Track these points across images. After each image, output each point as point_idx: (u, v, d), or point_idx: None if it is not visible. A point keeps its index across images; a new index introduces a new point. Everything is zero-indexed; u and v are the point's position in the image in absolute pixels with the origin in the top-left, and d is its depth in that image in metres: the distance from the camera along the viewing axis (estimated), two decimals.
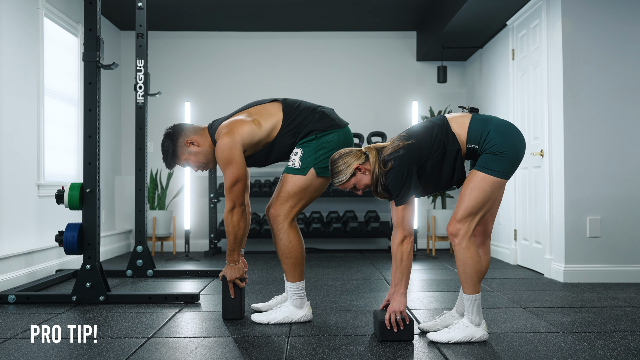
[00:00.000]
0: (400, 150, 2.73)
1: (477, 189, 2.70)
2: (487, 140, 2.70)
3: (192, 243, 6.98)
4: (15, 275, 4.30)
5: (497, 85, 6.21)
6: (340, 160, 2.82)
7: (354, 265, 5.69)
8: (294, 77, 7.20)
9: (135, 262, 4.86)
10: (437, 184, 2.81)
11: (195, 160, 3.22)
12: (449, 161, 2.75)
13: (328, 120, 3.16)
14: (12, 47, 4.60)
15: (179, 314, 3.44)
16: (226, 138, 3.05)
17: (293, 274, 3.16)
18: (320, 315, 3.36)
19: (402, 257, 2.78)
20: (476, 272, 2.73)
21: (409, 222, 2.77)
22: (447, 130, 2.75)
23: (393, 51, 7.30)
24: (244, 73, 7.22)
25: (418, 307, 3.61)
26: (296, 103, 3.21)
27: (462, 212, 2.72)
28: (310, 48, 7.28)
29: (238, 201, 3.07)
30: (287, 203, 3.12)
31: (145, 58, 4.97)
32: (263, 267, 5.50)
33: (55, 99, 5.40)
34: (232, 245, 3.14)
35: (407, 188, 2.72)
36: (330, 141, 3.12)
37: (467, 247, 2.72)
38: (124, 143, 7.17)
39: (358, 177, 2.83)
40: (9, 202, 4.50)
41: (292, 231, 3.14)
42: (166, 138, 3.22)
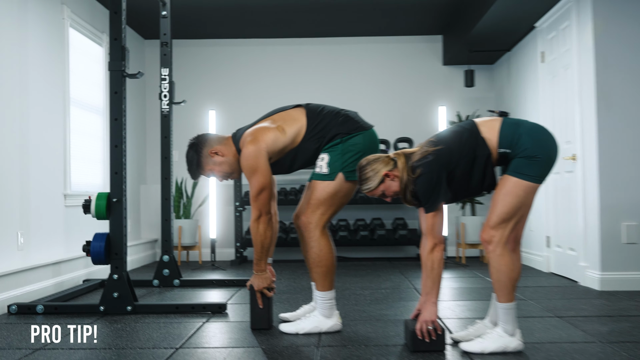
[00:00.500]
0: (429, 156, 2.71)
1: (510, 195, 2.67)
2: (519, 144, 2.67)
3: (218, 252, 7.00)
4: (43, 285, 4.35)
5: (526, 89, 6.15)
6: (369, 166, 2.81)
7: (382, 273, 5.66)
8: (318, 83, 7.21)
9: (161, 272, 4.89)
10: (467, 190, 2.79)
11: (219, 170, 3.23)
12: (479, 167, 2.72)
13: (352, 122, 3.16)
14: (38, 57, 4.68)
15: (206, 324, 3.45)
16: (251, 146, 3.05)
17: (323, 283, 3.15)
18: (349, 325, 3.35)
19: (433, 266, 2.75)
20: (511, 279, 2.70)
21: (439, 230, 2.75)
22: (476, 135, 2.73)
23: (419, 55, 7.28)
24: (268, 80, 7.25)
25: (450, 317, 3.58)
26: (319, 107, 3.21)
27: (495, 218, 2.69)
28: (335, 53, 7.28)
29: (264, 210, 3.07)
30: (317, 210, 3.11)
31: (169, 66, 5.02)
32: (290, 276, 5.50)
33: (81, 109, 5.48)
34: (259, 255, 3.14)
35: (437, 195, 2.70)
36: (356, 144, 3.11)
37: (502, 254, 2.69)
38: (149, 152, 7.24)
39: (387, 184, 2.81)
40: (37, 212, 4.56)
41: (323, 239, 3.13)
42: (190, 149, 3.24)
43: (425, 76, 7.26)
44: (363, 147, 3.12)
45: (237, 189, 6.73)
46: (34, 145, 4.56)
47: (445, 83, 7.25)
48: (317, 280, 3.16)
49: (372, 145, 3.16)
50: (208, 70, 7.27)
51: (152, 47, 7.17)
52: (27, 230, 4.42)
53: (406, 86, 7.26)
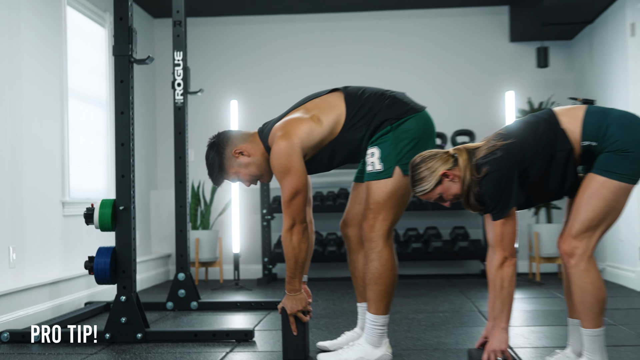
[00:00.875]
0: (497, 152, 2.69)
1: (596, 197, 2.63)
2: (608, 135, 2.63)
3: (243, 269, 7.04)
4: (39, 309, 4.43)
5: (613, 68, 6.05)
6: (423, 164, 2.79)
7: (439, 293, 5.63)
8: (358, 67, 7.20)
9: (176, 293, 4.93)
10: (543, 193, 2.76)
11: (246, 173, 3.25)
12: (558, 165, 2.69)
13: (401, 105, 3.14)
14: (31, 41, 4.77)
15: (230, 354, 3.46)
16: (282, 142, 3.06)
17: (379, 305, 3.14)
18: (401, 356, 3.33)
19: (503, 284, 2.73)
20: (598, 301, 2.66)
21: (509, 241, 2.72)
22: (555, 126, 2.69)
23: (480, 31, 7.22)
24: (299, 64, 7.27)
25: (522, 345, 3.54)
26: (360, 90, 3.21)
27: (578, 226, 2.65)
28: (379, 31, 7.27)
29: (298, 217, 3.07)
30: (379, 215, 3.10)
31: (184, 50, 5.07)
32: (329, 297, 5.50)
33: (81, 101, 5.57)
34: (292, 271, 3.14)
35: (507, 198, 2.67)
36: (409, 129, 3.10)
37: (587, 270, 2.65)
38: (160, 151, 7.32)
39: (445, 186, 2.79)
40: (31, 223, 4.65)
41: (386, 251, 3.12)
42: (210, 149, 3.26)
43: (489, 55, 7.20)
44: (417, 133, 3.10)
45: (264, 193, 6.76)
46: (27, 145, 4.64)
47: (513, 63, 7.17)
48: (372, 300, 3.14)
49: (428, 130, 3.15)
50: (229, 53, 7.33)
51: (163, 27, 7.25)
52: (19, 244, 4.50)
53: (465, 68, 7.21)
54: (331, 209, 6.69)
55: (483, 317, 4.42)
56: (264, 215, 6.77)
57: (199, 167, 6.95)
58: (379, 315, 3.14)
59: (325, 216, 6.97)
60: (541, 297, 5.26)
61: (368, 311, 3.16)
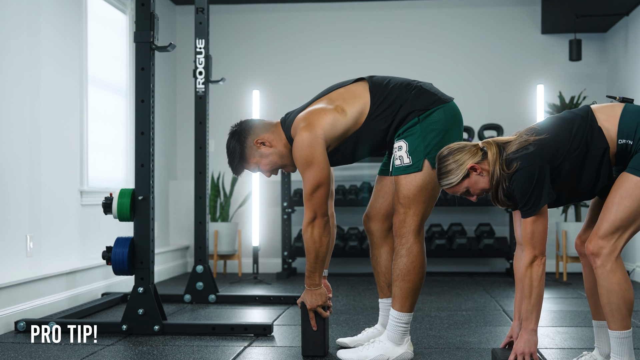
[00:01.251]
0: (529, 147, 2.67)
1: (629, 198, 2.61)
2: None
3: (262, 263, 7.07)
4: (55, 298, 4.48)
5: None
6: (451, 157, 2.79)
7: (462, 291, 5.62)
8: (383, 58, 7.19)
9: (194, 285, 4.97)
10: (574, 192, 2.74)
11: (267, 163, 3.26)
12: (592, 163, 2.67)
13: (428, 95, 3.14)
14: (51, 28, 4.81)
15: (248, 348, 3.49)
16: (305, 133, 3.07)
17: (404, 302, 3.14)
18: (423, 354, 3.33)
19: (532, 283, 2.72)
20: (625, 302, 2.64)
21: (540, 239, 2.71)
22: (591, 123, 2.68)
23: (511, 22, 7.17)
24: (323, 54, 7.27)
25: (548, 346, 3.53)
26: (385, 80, 3.21)
27: (607, 225, 2.63)
28: (404, 21, 7.25)
29: (320, 211, 3.08)
30: (409, 210, 3.10)
31: (206, 38, 5.09)
32: (349, 293, 5.51)
33: (101, 89, 5.61)
34: (313, 266, 3.15)
35: (539, 195, 2.66)
36: (437, 121, 3.09)
37: (613, 270, 2.63)
38: (180, 141, 7.36)
39: (473, 179, 2.78)
40: (49, 212, 4.70)
41: (416, 247, 3.12)
42: (232, 138, 3.28)
43: (519, 48, 7.16)
44: (446, 125, 3.10)
45: (285, 186, 6.78)
46: (45, 132, 4.69)
47: (544, 56, 7.13)
48: (397, 296, 3.14)
49: (456, 122, 3.14)
50: (252, 41, 7.34)
51: (185, 14, 7.29)
52: (37, 233, 4.56)
53: (494, 60, 7.17)
54: (353, 203, 6.69)
55: (507, 316, 4.41)
56: (284, 208, 6.79)
57: (219, 157, 6.99)
58: (403, 313, 3.14)
59: (347, 210, 6.98)
60: (568, 298, 5.24)
61: (392, 307, 3.16)
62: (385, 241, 3.39)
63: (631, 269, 6.30)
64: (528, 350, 2.73)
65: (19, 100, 4.40)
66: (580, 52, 6.57)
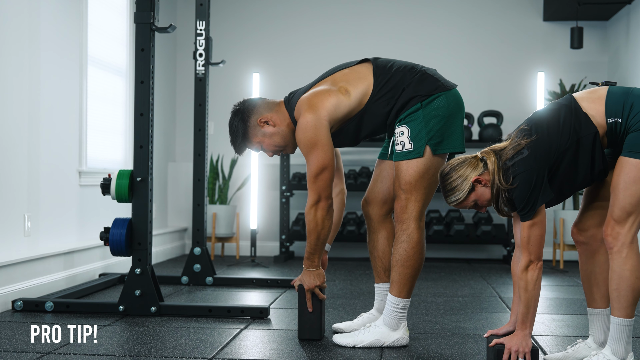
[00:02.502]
0: (523, 151, 2.66)
1: (632, 181, 2.59)
2: (632, 113, 2.60)
3: (259, 246, 7.08)
4: (53, 278, 4.49)
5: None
6: (454, 172, 2.76)
7: (459, 277, 5.63)
8: (383, 42, 7.17)
9: (192, 267, 4.98)
10: (573, 184, 2.73)
11: (270, 143, 3.25)
12: (585, 150, 2.67)
13: (432, 81, 3.13)
14: (52, 6, 4.79)
15: (245, 331, 3.50)
16: (308, 115, 3.06)
17: (402, 288, 3.15)
18: (418, 339, 3.35)
19: (527, 287, 2.71)
20: (634, 290, 2.64)
21: (536, 244, 2.69)
22: (577, 111, 2.67)
23: (512, 9, 7.15)
24: (324, 38, 7.25)
25: (543, 334, 3.54)
26: (390, 62, 3.20)
27: (619, 212, 2.62)
28: (405, 5, 7.23)
29: (324, 193, 3.08)
30: (411, 196, 3.10)
31: (207, 19, 5.07)
32: (346, 278, 5.53)
33: (101, 69, 5.60)
34: (313, 247, 3.16)
35: (535, 197, 2.64)
36: (439, 107, 3.08)
37: (628, 257, 2.63)
38: (179, 123, 7.35)
39: (479, 192, 2.76)
40: (47, 192, 4.70)
41: (417, 234, 3.12)
42: (235, 116, 3.27)
43: (521, 35, 7.14)
44: (448, 111, 3.09)
45: (284, 170, 6.78)
46: (45, 112, 4.69)
47: (545, 43, 7.11)
48: (395, 282, 3.15)
49: (458, 109, 3.13)
50: (252, 24, 7.32)
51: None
52: (35, 213, 4.56)
53: (495, 47, 7.16)
54: (352, 188, 6.69)
55: (504, 303, 4.43)
56: (283, 191, 6.80)
57: (219, 140, 7.00)
58: (401, 298, 3.15)
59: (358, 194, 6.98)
60: (564, 285, 5.25)
61: (390, 292, 3.17)
62: (382, 226, 3.39)
63: None
64: (522, 349, 2.72)
65: (19, 81, 4.39)
66: (582, 40, 6.55)
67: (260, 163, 7.00)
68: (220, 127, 7.05)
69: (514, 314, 2.88)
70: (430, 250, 6.98)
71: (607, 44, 7.07)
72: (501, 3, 7.17)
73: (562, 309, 4.26)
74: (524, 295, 2.73)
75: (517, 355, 2.72)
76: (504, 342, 2.76)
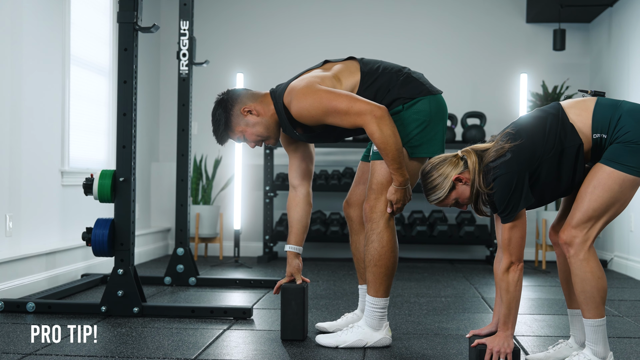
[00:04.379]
0: (507, 154, 2.67)
1: (601, 188, 2.63)
2: (619, 126, 2.63)
3: (243, 246, 7.07)
4: (35, 279, 4.46)
5: (632, 54, 6.02)
6: (434, 171, 2.77)
7: (442, 278, 5.65)
8: (368, 45, 7.17)
9: (174, 268, 4.97)
10: (555, 191, 2.75)
11: (252, 132, 3.23)
12: (568, 161, 2.68)
13: (416, 84, 3.14)
14: (34, 4, 4.77)
15: (228, 331, 3.49)
16: (304, 87, 3.05)
17: (378, 287, 3.16)
18: (401, 340, 3.35)
19: (508, 289, 2.73)
20: (599, 290, 2.67)
21: (517, 246, 2.71)
22: (563, 121, 2.69)
23: (496, 11, 7.18)
24: (308, 36, 7.25)
25: (525, 334, 3.56)
26: (376, 63, 3.21)
27: (580, 215, 2.65)
28: (389, 8, 7.24)
29: (372, 105, 3.00)
30: (381, 196, 3.11)
31: (190, 19, 5.06)
32: (330, 278, 5.53)
33: (83, 69, 5.57)
34: (399, 160, 3.03)
35: (517, 200, 2.66)
36: (420, 111, 3.09)
37: (586, 260, 2.66)
38: (162, 123, 7.33)
39: (459, 190, 2.77)
40: (29, 192, 4.67)
41: (387, 233, 3.13)
42: (218, 105, 3.25)
43: (504, 36, 7.17)
44: (429, 116, 3.10)
45: (267, 170, 6.77)
46: (27, 112, 4.66)
47: (528, 45, 7.15)
48: (371, 282, 3.16)
49: (440, 115, 3.13)
50: (236, 24, 7.31)
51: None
52: (17, 213, 4.53)
53: (478, 49, 7.18)
54: (335, 188, 6.70)
55: (486, 303, 4.45)
56: (266, 192, 6.79)
57: (202, 140, 6.99)
58: (378, 298, 3.16)
59: (329, 195, 6.99)
60: (546, 286, 5.28)
61: (368, 293, 3.18)
62: (364, 228, 3.39)
63: (609, 258, 6.36)
64: (504, 350, 2.73)
65: (0, 80, 4.36)
66: (564, 42, 6.59)
67: (244, 163, 6.99)
68: (204, 127, 7.04)
69: (496, 315, 2.90)
70: (414, 251, 7.00)
71: (589, 46, 7.12)
72: (484, 5, 7.20)
73: (544, 310, 4.29)
74: (505, 297, 2.74)
75: (498, 356, 2.74)
76: (486, 343, 2.77)
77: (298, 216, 3.36)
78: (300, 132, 3.22)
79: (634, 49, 5.98)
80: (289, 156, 3.41)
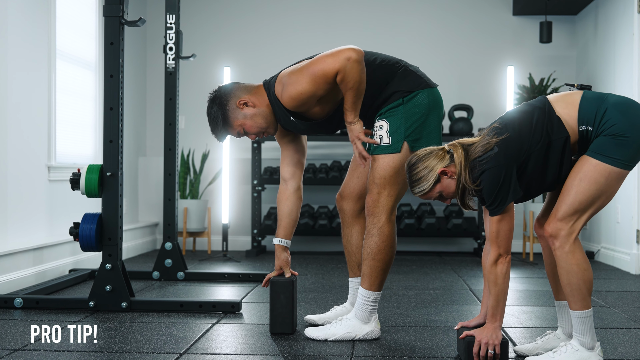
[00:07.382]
0: (494, 148, 2.68)
1: (587, 180, 2.64)
2: (604, 119, 2.64)
3: (231, 240, 7.07)
4: (22, 274, 4.45)
5: (618, 46, 6.05)
6: (420, 163, 2.78)
7: (430, 270, 5.66)
8: (356, 38, 7.17)
9: (163, 262, 4.96)
10: (541, 184, 2.77)
11: (252, 124, 3.21)
12: (555, 154, 2.70)
13: (415, 77, 3.15)
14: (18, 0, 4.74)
15: (216, 325, 3.49)
16: (293, 75, 3.05)
17: (373, 281, 3.16)
18: (389, 332, 3.36)
19: (497, 281, 2.75)
20: (585, 282, 2.69)
21: (504, 238, 2.73)
22: (550, 114, 2.70)
23: (483, 3, 7.19)
24: (295, 30, 7.24)
25: (513, 325, 3.58)
26: (373, 55, 3.20)
27: (565, 208, 2.67)
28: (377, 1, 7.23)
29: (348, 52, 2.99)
30: (384, 191, 3.11)
31: (177, 13, 5.04)
32: (318, 271, 5.53)
33: (69, 63, 5.54)
34: (356, 101, 3.07)
35: (505, 193, 2.67)
36: (419, 104, 3.10)
37: (571, 252, 2.67)
38: (150, 117, 7.30)
39: (444, 184, 2.78)
40: (16, 187, 4.65)
41: (388, 227, 3.13)
42: (212, 104, 3.22)
43: (491, 28, 7.18)
44: (427, 109, 3.11)
45: (255, 164, 6.77)
46: (13, 106, 4.63)
47: (515, 38, 7.16)
48: (366, 275, 3.17)
49: (436, 108, 3.16)
50: (223, 18, 7.29)
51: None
52: (3, 208, 4.51)
53: (465, 41, 7.19)
54: (323, 182, 6.70)
55: (475, 295, 4.46)
56: (254, 186, 6.78)
57: (190, 134, 6.97)
58: (372, 291, 3.17)
59: (318, 189, 7.00)
60: (534, 277, 5.31)
61: (361, 286, 3.18)
62: (357, 221, 3.40)
63: (596, 249, 6.40)
64: (492, 341, 2.75)
65: None
66: (551, 34, 6.61)
67: (232, 157, 6.98)
68: (191, 121, 7.03)
69: (485, 307, 2.91)
70: (402, 244, 7.01)
71: (575, 39, 7.14)
72: None
73: (532, 301, 4.31)
74: (493, 289, 2.76)
75: (487, 347, 2.75)
76: (475, 334, 2.78)
77: (287, 210, 3.35)
78: (296, 120, 3.21)
79: (620, 41, 6.01)
80: (282, 149, 3.40)
